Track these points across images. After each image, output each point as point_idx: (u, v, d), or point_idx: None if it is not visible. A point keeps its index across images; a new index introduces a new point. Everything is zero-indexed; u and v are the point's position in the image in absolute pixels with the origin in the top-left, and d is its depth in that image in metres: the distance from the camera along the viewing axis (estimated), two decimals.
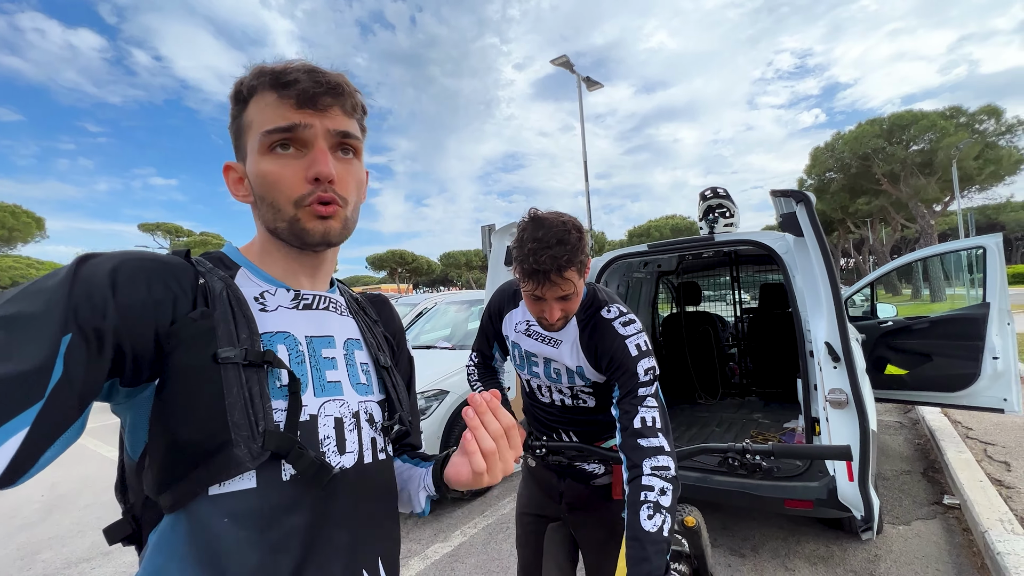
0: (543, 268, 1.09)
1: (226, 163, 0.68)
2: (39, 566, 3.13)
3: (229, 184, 0.69)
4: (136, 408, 0.56)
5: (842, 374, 1.94)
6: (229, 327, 0.58)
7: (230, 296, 0.61)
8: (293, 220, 0.63)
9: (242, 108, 0.65)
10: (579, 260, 1.13)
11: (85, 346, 0.47)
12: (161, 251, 0.64)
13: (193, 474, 0.54)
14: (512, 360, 1.47)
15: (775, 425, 3.47)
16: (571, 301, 1.18)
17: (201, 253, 0.68)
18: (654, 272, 4.78)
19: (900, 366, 3.85)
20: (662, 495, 1.02)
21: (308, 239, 0.65)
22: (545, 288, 1.13)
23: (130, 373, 0.52)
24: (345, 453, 0.65)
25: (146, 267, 0.56)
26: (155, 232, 42.63)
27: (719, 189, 3.11)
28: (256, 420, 0.56)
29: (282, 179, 0.62)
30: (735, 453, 1.15)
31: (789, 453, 1.16)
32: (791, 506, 2.27)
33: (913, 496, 3.34)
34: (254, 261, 0.69)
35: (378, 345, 0.79)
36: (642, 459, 1.07)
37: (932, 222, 22.97)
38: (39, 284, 0.49)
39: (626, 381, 1.16)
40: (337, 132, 0.64)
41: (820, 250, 1.97)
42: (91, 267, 0.51)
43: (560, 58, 12.04)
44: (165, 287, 0.56)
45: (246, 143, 0.65)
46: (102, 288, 0.50)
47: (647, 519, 1.00)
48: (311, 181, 0.62)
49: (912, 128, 21.92)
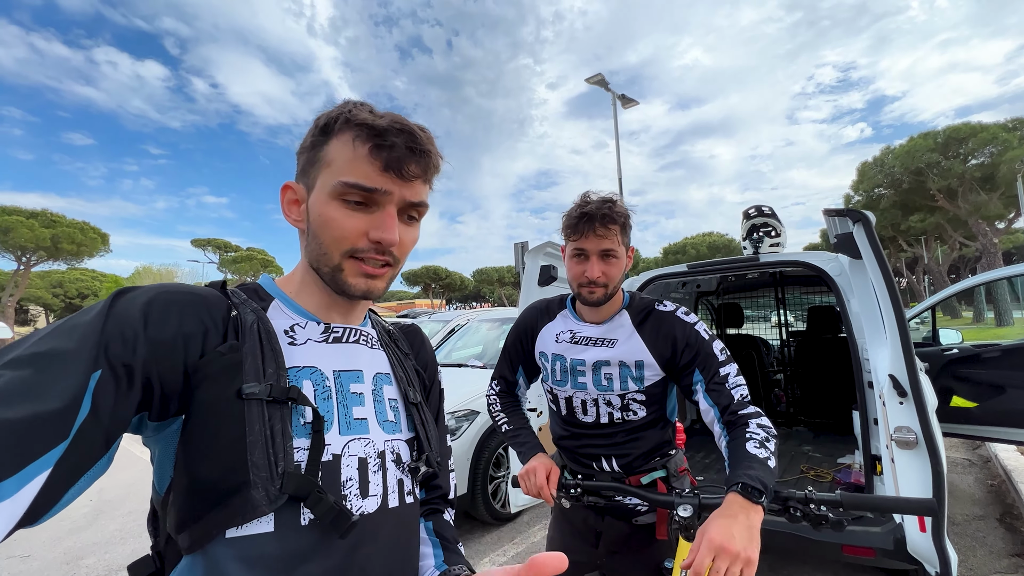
0: (590, 212, 1.16)
1: (287, 183, 0.67)
2: (82, 571, 3.23)
3: (284, 203, 0.68)
4: (164, 442, 0.55)
5: (910, 410, 1.76)
6: (256, 361, 0.57)
7: (260, 329, 0.60)
8: (336, 269, 0.63)
9: (325, 139, 0.63)
10: (624, 222, 1.20)
11: (114, 382, 0.47)
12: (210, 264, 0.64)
13: (210, 515, 0.52)
14: (549, 379, 1.37)
15: (828, 460, 3.22)
16: (612, 265, 1.20)
17: (238, 284, 0.68)
18: (693, 292, 4.61)
19: (968, 398, 3.53)
20: (767, 441, 1.03)
21: (348, 291, 0.65)
22: (589, 237, 1.17)
23: (158, 407, 0.52)
24: (368, 497, 0.63)
25: (179, 300, 0.56)
26: (206, 247, 45.08)
27: (764, 207, 2.97)
28: (276, 460, 0.54)
29: (342, 228, 0.62)
30: (797, 502, 1.00)
31: (860, 505, 1.01)
32: (850, 553, 2.07)
33: (989, 546, 3.01)
34: (291, 292, 0.69)
35: (408, 380, 0.77)
36: (748, 419, 1.09)
37: (995, 240, 21.45)
38: (75, 319, 0.50)
39: (707, 363, 1.18)
40: (411, 203, 0.65)
41: (882, 273, 1.81)
42: (125, 302, 0.52)
43: (595, 76, 12.06)
44: (197, 320, 0.56)
45: (317, 175, 0.63)
46: (134, 323, 0.51)
47: (754, 447, 1.01)
48: (372, 242, 0.62)
49: (970, 141, 20.70)
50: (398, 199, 0.63)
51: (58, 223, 32.32)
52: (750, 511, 0.89)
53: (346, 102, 0.64)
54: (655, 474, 1.28)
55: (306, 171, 0.65)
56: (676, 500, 1.06)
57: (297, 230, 0.69)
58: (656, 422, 1.29)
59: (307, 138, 0.65)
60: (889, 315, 1.80)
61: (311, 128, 0.65)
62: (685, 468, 1.34)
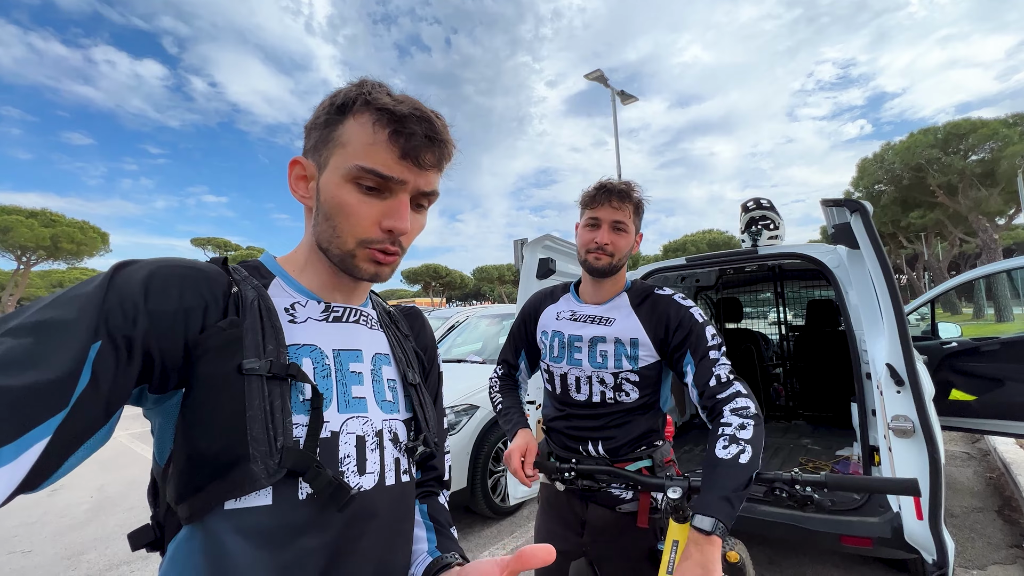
0: (609, 186, 1.26)
1: (296, 158, 0.66)
2: (83, 567, 3.24)
3: (291, 178, 0.67)
4: (164, 414, 0.56)
5: (907, 399, 1.76)
6: (256, 337, 0.58)
7: (261, 306, 0.61)
8: (349, 255, 0.64)
9: (339, 118, 0.62)
10: (638, 203, 1.29)
11: (114, 353, 0.48)
12: None
13: (210, 486, 0.53)
14: (547, 356, 1.41)
15: (826, 452, 3.22)
16: (621, 237, 1.27)
17: (239, 261, 0.68)
18: (692, 287, 4.61)
19: (967, 391, 3.53)
20: (741, 429, 1.06)
21: (357, 275, 0.65)
22: (604, 207, 1.26)
23: (158, 380, 0.53)
24: (365, 474, 0.63)
25: (179, 274, 0.56)
26: (206, 247, 45.06)
27: (763, 200, 2.96)
28: (275, 435, 0.55)
29: (358, 216, 0.62)
30: (783, 483, 1.04)
31: (845, 485, 1.03)
32: (848, 543, 2.07)
33: (988, 537, 3.01)
34: (292, 271, 0.69)
35: (407, 361, 0.77)
36: (722, 406, 1.12)
37: (995, 236, 21.42)
38: (75, 290, 0.50)
39: (697, 344, 1.21)
40: (424, 192, 0.65)
41: (879, 262, 1.81)
42: (126, 274, 0.52)
43: (594, 73, 12.04)
44: (197, 294, 0.56)
45: (330, 155, 0.62)
46: (134, 295, 0.51)
47: (721, 448, 1.04)
48: (384, 230, 0.62)
49: (971, 137, 20.65)
50: (412, 188, 0.63)
51: (58, 222, 32.32)
52: (704, 546, 0.93)
53: (363, 81, 0.63)
54: (640, 463, 1.30)
55: (318, 148, 0.63)
56: (666, 483, 1.08)
57: (303, 206, 0.68)
58: (647, 407, 1.31)
59: (319, 114, 0.64)
60: (887, 305, 1.80)
61: (324, 104, 0.64)
62: (671, 459, 1.36)
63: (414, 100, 0.63)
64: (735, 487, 0.97)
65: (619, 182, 1.28)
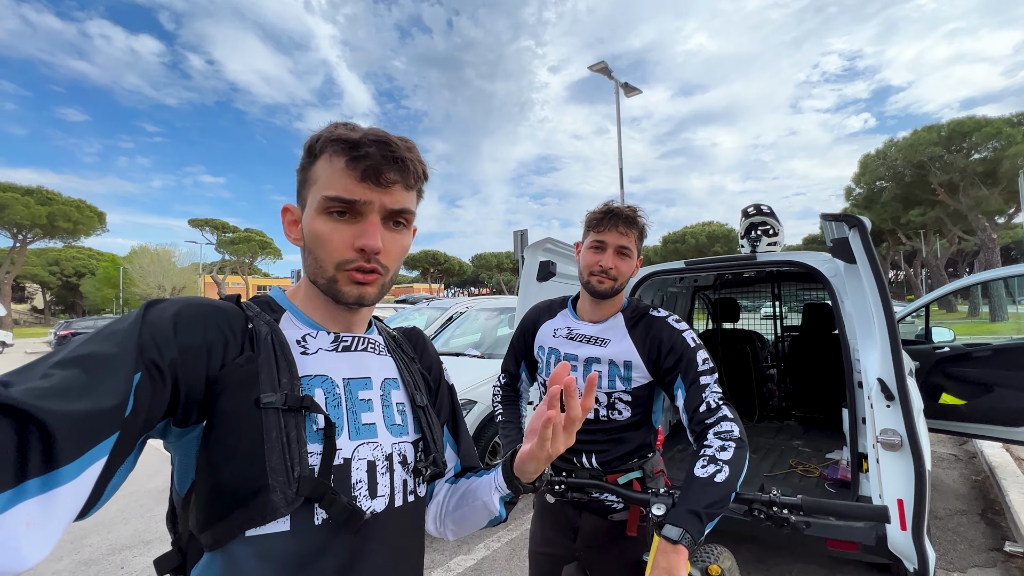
0: (615, 211, 1.28)
1: (286, 205, 0.72)
2: (86, 551, 3.30)
3: (284, 224, 0.72)
4: (185, 448, 0.59)
5: (896, 414, 1.81)
6: (272, 371, 0.61)
7: (274, 340, 0.64)
8: (331, 280, 0.67)
9: (312, 161, 0.67)
10: (642, 230, 1.32)
11: (151, 384, 0.51)
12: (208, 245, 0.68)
13: (232, 516, 0.56)
14: (543, 371, 1.46)
15: (817, 455, 3.29)
16: (624, 262, 1.29)
17: (251, 297, 0.73)
18: (690, 287, 4.64)
19: (957, 396, 3.59)
20: (721, 451, 1.09)
21: (342, 299, 0.68)
22: (611, 232, 1.28)
23: (182, 413, 0.56)
24: (376, 497, 0.67)
25: (204, 312, 0.60)
26: (203, 228, 44.76)
27: (763, 206, 2.98)
28: (292, 465, 0.59)
29: (330, 242, 0.65)
30: (761, 504, 1.09)
31: (820, 509, 1.07)
32: (833, 547, 2.14)
33: (969, 540, 3.10)
34: (299, 305, 0.73)
35: (415, 384, 0.81)
36: (708, 431, 1.15)
37: (994, 235, 21.47)
38: (112, 327, 0.54)
39: (688, 369, 1.23)
40: (393, 210, 0.67)
41: (875, 280, 1.84)
42: (156, 312, 0.57)
43: (598, 64, 11.91)
44: (219, 331, 0.60)
45: (307, 195, 0.67)
46: (166, 331, 0.55)
47: (700, 468, 1.08)
48: (357, 250, 0.65)
49: (974, 135, 20.58)
50: (379, 207, 0.65)
51: (54, 201, 32.07)
52: (670, 555, 0.97)
53: (331, 124, 0.68)
54: (631, 475, 1.34)
55: (300, 192, 0.69)
56: (652, 499, 1.12)
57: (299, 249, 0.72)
58: (639, 424, 1.35)
59: (301, 161, 0.69)
60: (880, 320, 1.84)
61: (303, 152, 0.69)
62: (661, 470, 1.40)
63: (375, 128, 0.67)
64: (707, 503, 1.01)
65: (626, 208, 1.30)
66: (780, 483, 2.81)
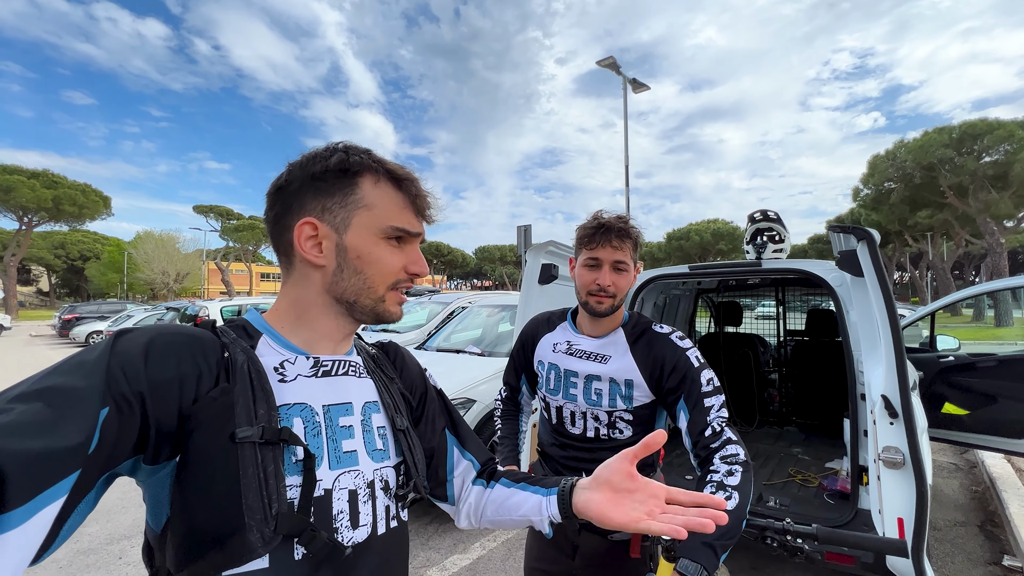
0: (607, 224, 1.23)
1: (308, 219, 0.67)
2: (85, 539, 3.33)
3: (300, 239, 0.67)
4: (158, 485, 0.57)
5: (899, 431, 1.78)
6: (248, 402, 0.59)
7: (251, 369, 0.62)
8: (380, 300, 0.71)
9: (351, 183, 0.68)
10: (636, 239, 1.26)
11: (119, 419, 0.49)
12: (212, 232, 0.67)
13: (208, 556, 0.55)
14: (543, 387, 1.42)
15: (816, 463, 3.27)
16: (622, 276, 1.25)
17: (226, 320, 0.70)
18: (693, 289, 4.60)
19: (960, 405, 3.56)
20: (729, 476, 1.07)
21: (386, 319, 0.73)
22: (604, 247, 1.23)
23: (152, 450, 0.54)
24: (359, 527, 0.66)
25: (177, 343, 0.58)
26: (208, 214, 44.82)
27: (769, 212, 2.93)
28: (270, 502, 0.57)
29: (390, 265, 0.71)
30: (774, 532, 1.06)
31: (835, 540, 1.04)
32: (831, 560, 2.12)
33: (968, 552, 3.08)
34: (278, 326, 0.70)
35: (395, 406, 0.79)
36: (713, 455, 1.13)
37: (1002, 240, 21.28)
38: (79, 357, 0.52)
39: (692, 390, 1.20)
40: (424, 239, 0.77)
41: (883, 294, 1.80)
42: (126, 342, 0.54)
43: (607, 59, 11.77)
44: (193, 362, 0.58)
45: (352, 215, 0.68)
46: (136, 363, 0.53)
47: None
48: (410, 274, 0.73)
49: (986, 138, 20.32)
50: (422, 236, 0.75)
51: (60, 184, 32.13)
52: None
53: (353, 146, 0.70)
54: None
55: (331, 210, 0.67)
56: None
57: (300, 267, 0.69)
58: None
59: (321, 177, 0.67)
60: (887, 335, 1.80)
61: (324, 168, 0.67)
62: None
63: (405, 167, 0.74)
64: (720, 534, 0.98)
65: (616, 219, 1.25)
66: (779, 492, 2.79)
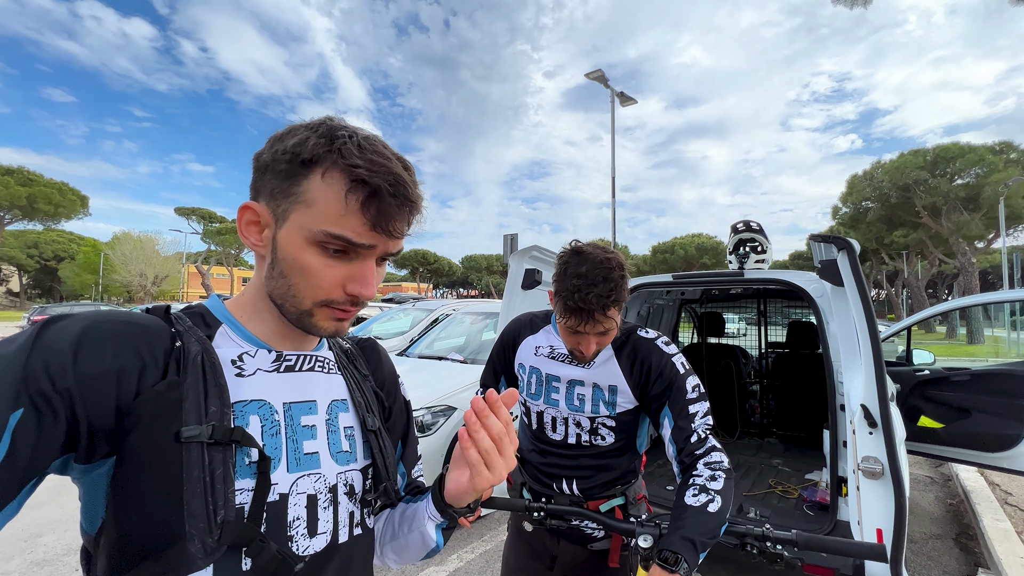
0: (588, 307, 1.09)
1: (247, 204, 0.60)
2: (40, 550, 3.15)
3: (241, 224, 0.61)
4: (92, 484, 0.52)
5: (878, 441, 1.78)
6: (199, 398, 0.54)
7: (205, 361, 0.56)
8: (306, 313, 0.61)
9: (302, 172, 0.56)
10: (622, 298, 1.15)
11: (37, 421, 0.45)
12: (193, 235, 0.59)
13: (143, 566, 0.50)
14: (523, 391, 1.38)
15: (796, 475, 3.27)
16: (608, 336, 1.19)
17: (183, 308, 0.64)
18: (677, 299, 4.63)
19: (935, 419, 3.61)
20: (711, 480, 1.05)
21: (315, 332, 0.63)
22: (587, 325, 1.13)
23: (85, 449, 0.49)
24: (316, 535, 0.61)
25: (116, 331, 0.52)
26: (190, 217, 44.00)
27: (752, 223, 2.97)
28: (215, 509, 0.52)
29: (319, 279, 0.59)
30: (754, 539, 1.04)
31: (814, 545, 1.03)
32: (810, 571, 2.10)
33: (943, 565, 3.11)
34: (240, 317, 0.65)
35: (367, 405, 0.74)
36: (696, 461, 1.11)
37: (973, 260, 22.00)
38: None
39: (676, 397, 1.17)
40: (390, 252, 0.62)
41: (863, 303, 1.82)
42: (54, 332, 0.49)
43: (595, 72, 11.95)
44: (134, 354, 0.52)
45: (291, 209, 0.57)
46: (62, 356, 0.47)
47: (691, 496, 1.04)
48: (348, 294, 0.60)
49: (958, 161, 21.12)
50: (380, 252, 0.60)
51: (35, 182, 31.27)
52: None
53: (331, 127, 0.57)
54: (613, 502, 1.28)
55: (275, 197, 0.58)
56: (638, 530, 1.07)
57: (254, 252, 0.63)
58: (623, 451, 1.29)
59: (277, 158, 0.57)
60: (866, 345, 1.81)
61: (283, 149, 0.57)
62: (643, 495, 1.35)
63: (385, 154, 0.58)
64: (701, 532, 0.97)
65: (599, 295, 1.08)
66: (759, 503, 2.78)
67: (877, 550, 0.99)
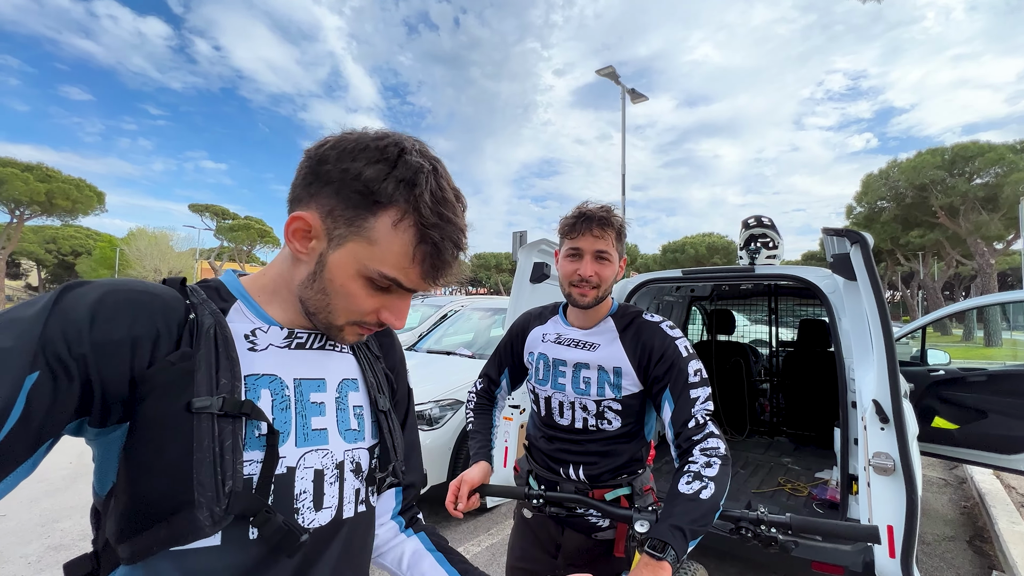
0: (588, 214, 1.20)
1: (300, 214, 0.59)
2: (57, 535, 3.23)
3: (289, 230, 0.60)
4: (107, 447, 0.53)
5: (890, 437, 1.76)
6: (211, 370, 0.55)
7: (217, 334, 0.57)
8: (336, 328, 0.64)
9: (372, 209, 0.57)
10: (619, 228, 1.23)
11: (52, 384, 0.45)
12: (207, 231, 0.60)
13: (153, 530, 0.51)
14: (532, 377, 1.39)
15: (806, 473, 3.24)
16: (605, 266, 1.22)
17: (199, 281, 0.65)
18: (686, 296, 4.59)
19: (950, 420, 3.55)
20: (707, 467, 1.06)
21: (338, 341, 0.67)
22: (585, 236, 1.20)
23: (99, 413, 0.50)
24: (322, 509, 0.63)
25: (132, 300, 0.53)
26: (204, 213, 44.53)
27: (764, 218, 2.93)
28: (223, 479, 0.53)
29: (359, 304, 0.62)
30: (748, 523, 1.05)
31: (808, 528, 1.04)
32: (819, 569, 2.08)
33: (957, 567, 3.05)
34: (256, 295, 0.66)
35: (378, 386, 0.75)
36: (693, 447, 1.11)
37: (992, 261, 21.53)
38: (16, 312, 0.47)
39: (677, 379, 1.18)
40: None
41: (875, 298, 1.79)
42: (73, 298, 0.49)
43: (606, 68, 11.89)
44: (150, 323, 0.53)
45: (348, 238, 0.58)
46: (79, 322, 0.48)
47: (684, 484, 1.04)
48: (380, 319, 0.64)
49: (977, 160, 20.66)
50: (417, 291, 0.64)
51: (54, 178, 31.83)
52: (656, 570, 0.93)
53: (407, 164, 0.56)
54: (619, 491, 1.28)
55: (335, 218, 0.58)
56: (634, 515, 1.08)
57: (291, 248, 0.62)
58: (631, 436, 1.29)
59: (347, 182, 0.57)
60: (879, 340, 1.79)
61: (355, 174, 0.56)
62: (651, 487, 1.34)
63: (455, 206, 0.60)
64: (691, 519, 0.97)
65: (598, 208, 1.22)
66: (768, 501, 2.76)
67: (870, 531, 1.00)
